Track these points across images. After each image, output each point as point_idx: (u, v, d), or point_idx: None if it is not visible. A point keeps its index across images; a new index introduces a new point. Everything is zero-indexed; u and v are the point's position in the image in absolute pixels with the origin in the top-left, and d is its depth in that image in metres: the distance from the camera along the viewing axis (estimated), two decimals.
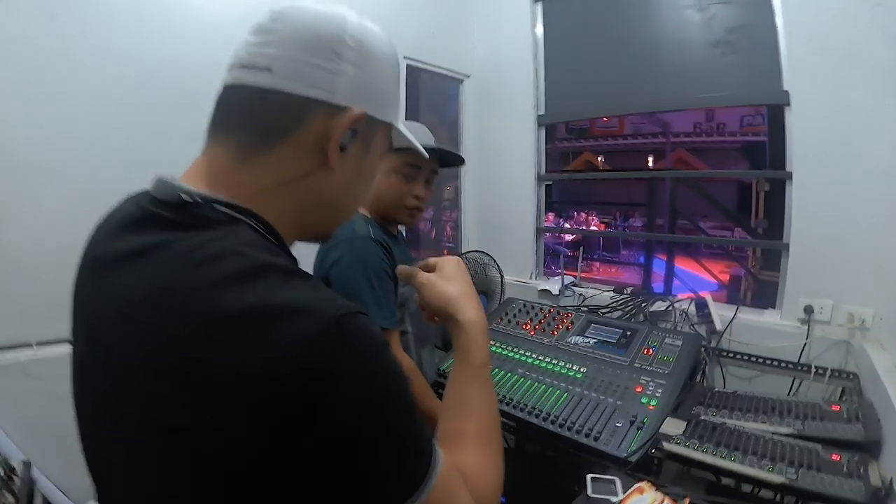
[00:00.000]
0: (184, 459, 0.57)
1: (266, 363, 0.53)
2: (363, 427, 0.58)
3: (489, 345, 0.91)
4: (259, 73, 0.68)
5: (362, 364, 0.58)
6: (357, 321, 0.59)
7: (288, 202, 0.73)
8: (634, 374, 2.05)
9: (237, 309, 0.56)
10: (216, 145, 0.71)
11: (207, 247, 0.61)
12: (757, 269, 5.73)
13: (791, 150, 2.30)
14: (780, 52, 2.30)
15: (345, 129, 0.71)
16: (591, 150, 13.61)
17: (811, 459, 1.42)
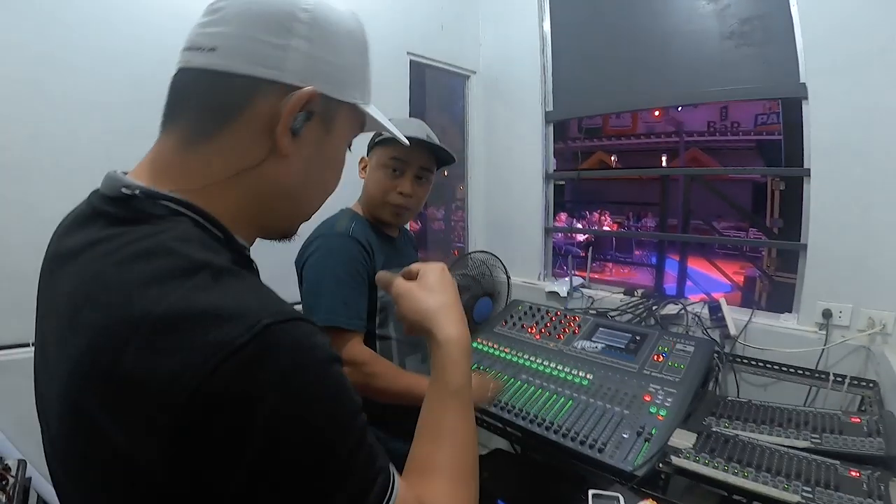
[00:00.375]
0: (106, 468, 0.54)
1: (177, 374, 0.48)
2: (298, 452, 0.52)
3: (471, 365, 0.82)
4: (205, 53, 0.64)
5: (291, 380, 0.52)
6: (291, 329, 0.54)
7: (239, 193, 0.68)
8: (643, 381, 1.97)
9: (158, 310, 0.51)
10: (165, 134, 0.68)
11: (139, 243, 0.58)
12: (772, 270, 5.63)
13: (809, 145, 2.19)
14: (796, 44, 2.20)
15: (295, 111, 0.66)
16: (603, 150, 13.54)
17: (829, 476, 1.33)
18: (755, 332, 2.28)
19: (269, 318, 0.52)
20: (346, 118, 0.76)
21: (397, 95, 3.03)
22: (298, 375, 0.53)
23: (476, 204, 3.65)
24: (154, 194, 0.62)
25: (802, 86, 2.18)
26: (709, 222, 5.83)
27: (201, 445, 0.48)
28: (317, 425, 0.53)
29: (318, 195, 0.80)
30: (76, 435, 0.56)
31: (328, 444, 0.54)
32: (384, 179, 1.72)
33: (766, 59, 2.32)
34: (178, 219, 0.62)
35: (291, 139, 0.68)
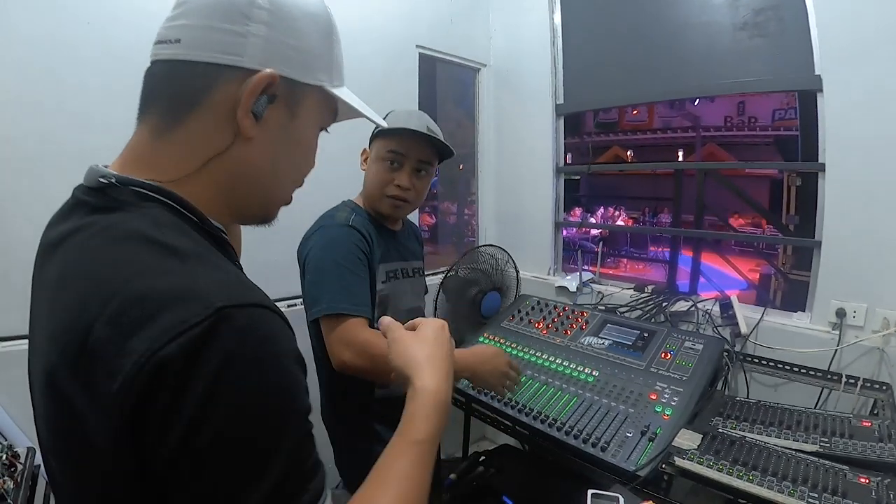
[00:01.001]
0: (78, 444, 0.56)
1: (132, 348, 0.51)
2: (222, 436, 0.52)
3: (443, 421, 0.79)
4: (170, 45, 0.67)
5: (233, 362, 0.52)
6: (246, 314, 0.55)
7: (210, 180, 0.70)
8: (650, 379, 1.94)
9: (124, 290, 0.54)
10: (140, 126, 0.70)
11: (113, 229, 0.61)
12: (787, 268, 5.55)
13: (824, 139, 2.13)
14: (811, 34, 2.13)
15: (255, 93, 0.67)
16: (619, 145, 13.43)
17: (837, 483, 1.29)
18: (767, 330, 2.23)
19: (224, 302, 0.53)
20: (313, 101, 0.77)
21: (406, 89, 3.01)
22: (241, 360, 0.53)
23: (486, 198, 3.62)
24: (128, 181, 0.64)
25: (817, 78, 2.12)
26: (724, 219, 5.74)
27: (141, 418, 0.50)
28: (247, 414, 0.53)
29: (289, 179, 0.81)
30: (53, 411, 0.59)
31: (254, 436, 0.53)
32: (382, 172, 1.70)
33: (780, 51, 2.27)
34: (149, 204, 0.64)
35: (255, 123, 0.69)
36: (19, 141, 1.80)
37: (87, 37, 1.90)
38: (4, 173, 1.77)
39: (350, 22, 2.64)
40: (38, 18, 1.82)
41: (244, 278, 0.63)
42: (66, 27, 1.87)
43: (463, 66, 3.44)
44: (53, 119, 1.85)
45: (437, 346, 0.88)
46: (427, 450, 0.74)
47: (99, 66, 1.92)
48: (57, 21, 1.85)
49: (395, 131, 1.67)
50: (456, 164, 3.88)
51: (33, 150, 1.82)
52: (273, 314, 0.58)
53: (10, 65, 1.78)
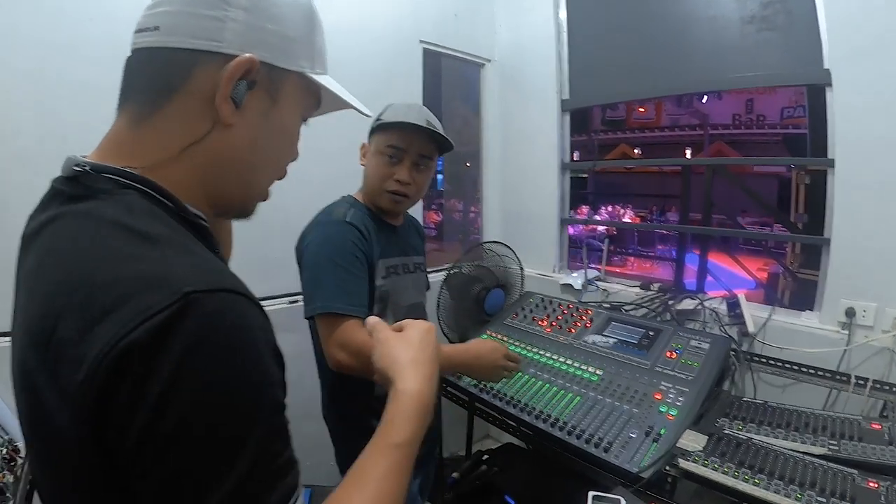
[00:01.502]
0: (48, 436, 0.55)
1: (99, 335, 0.49)
2: (186, 424, 0.50)
3: (424, 425, 0.78)
4: (149, 33, 0.66)
5: (200, 348, 0.51)
6: (216, 299, 0.53)
7: (188, 167, 0.68)
8: (655, 378, 1.91)
9: (94, 277, 0.53)
10: (119, 114, 0.69)
11: (86, 217, 0.60)
12: (796, 267, 5.51)
13: (833, 135, 2.10)
14: (819, 28, 2.10)
15: (234, 78, 0.66)
16: (627, 143, 13.40)
17: (845, 487, 1.26)
18: (775, 330, 2.20)
19: (192, 287, 0.51)
20: (294, 88, 0.75)
21: (410, 84, 3.00)
22: (208, 346, 0.51)
23: (492, 194, 3.60)
24: (102, 168, 0.63)
25: (826, 72, 2.08)
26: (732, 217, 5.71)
27: (105, 407, 0.49)
28: (212, 402, 0.51)
29: (269, 167, 0.79)
30: (27, 403, 0.58)
31: (218, 425, 0.51)
32: (381, 166, 1.68)
33: (789, 45, 2.23)
34: (124, 191, 0.62)
35: (234, 109, 0.68)
36: (19, 137, 1.80)
37: (89, 33, 1.90)
38: (8, 168, 1.77)
39: (354, 17, 2.62)
40: (40, 15, 1.81)
41: (219, 264, 0.61)
42: (68, 24, 1.86)
43: (468, 62, 3.43)
44: (53, 116, 1.84)
45: (422, 350, 0.86)
46: (406, 453, 0.73)
47: (101, 63, 1.89)
48: (58, 18, 1.84)
49: (394, 125, 1.65)
50: (462, 161, 3.86)
51: (34, 146, 1.81)
52: (247, 300, 0.56)
53: (12, 61, 1.78)
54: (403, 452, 0.73)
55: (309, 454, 0.61)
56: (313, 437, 2.49)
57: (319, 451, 2.57)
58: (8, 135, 1.79)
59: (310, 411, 2.14)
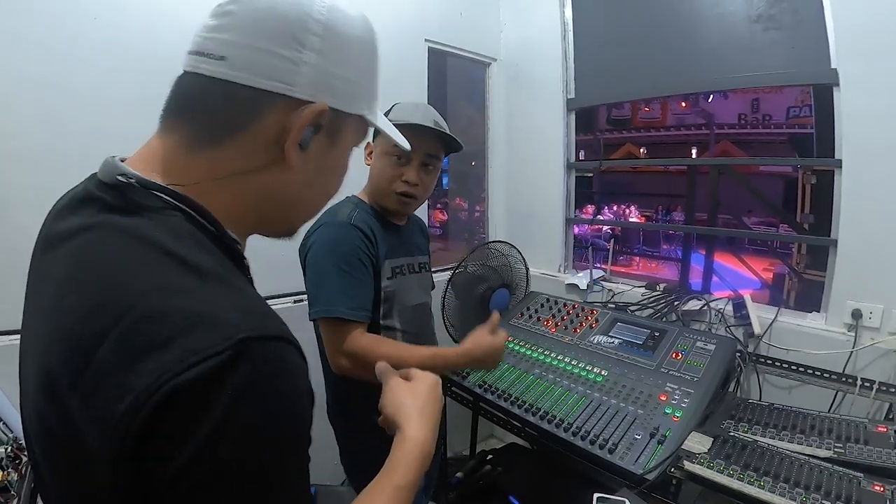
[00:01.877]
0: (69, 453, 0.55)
1: (148, 370, 0.49)
2: (226, 465, 0.51)
3: (423, 471, 0.82)
4: (213, 61, 0.64)
5: (249, 395, 0.51)
6: (267, 347, 0.54)
7: (237, 195, 0.68)
8: (660, 379, 1.91)
9: (142, 306, 0.52)
10: (168, 130, 0.67)
11: (131, 234, 0.59)
12: (802, 268, 5.49)
13: (840, 135, 2.08)
14: (826, 27, 2.09)
15: (305, 126, 0.66)
16: (632, 142, 13.35)
17: (850, 490, 1.25)
18: (781, 331, 2.19)
19: (246, 333, 0.52)
20: (352, 129, 0.77)
21: (415, 83, 2.99)
22: (258, 393, 0.52)
23: (497, 193, 3.60)
24: (150, 184, 0.62)
25: (833, 71, 2.07)
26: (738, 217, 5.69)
27: (146, 442, 0.48)
28: (254, 448, 0.52)
29: (318, 200, 0.82)
30: (48, 413, 0.56)
31: (257, 469, 0.52)
32: (389, 168, 1.67)
33: (795, 44, 2.22)
34: (170, 212, 0.62)
35: (299, 152, 0.68)
36: (25, 136, 1.80)
37: (94, 32, 1.90)
38: (10, 168, 1.77)
39: None
40: (45, 14, 1.81)
41: (264, 305, 0.61)
42: (73, 22, 1.86)
43: (473, 61, 3.42)
44: (59, 114, 1.85)
45: (429, 401, 0.91)
46: (406, 496, 0.77)
47: (106, 62, 1.92)
48: (63, 16, 1.84)
49: (402, 126, 1.64)
50: (467, 161, 3.86)
51: (40, 145, 1.81)
52: (292, 347, 0.57)
53: (17, 60, 1.78)
54: (405, 495, 0.76)
55: (314, 453, 0.62)
56: (318, 437, 2.49)
57: (324, 451, 2.58)
58: (10, 135, 1.79)
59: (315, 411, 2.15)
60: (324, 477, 2.28)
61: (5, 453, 1.51)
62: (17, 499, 1.40)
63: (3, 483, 1.40)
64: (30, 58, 1.80)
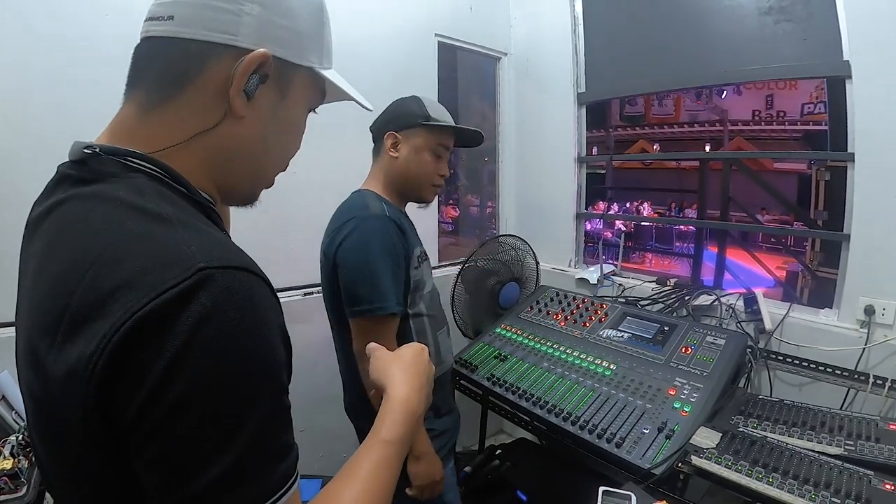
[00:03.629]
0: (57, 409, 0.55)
1: (113, 311, 0.50)
2: (189, 397, 0.50)
3: (411, 429, 0.83)
4: (163, 22, 0.67)
5: (209, 322, 0.51)
6: (228, 276, 0.54)
7: (197, 155, 0.69)
8: (669, 374, 1.90)
9: (105, 255, 0.54)
10: (127, 101, 0.70)
11: (96, 199, 0.60)
12: (815, 265, 5.45)
13: (853, 128, 2.05)
14: (839, 19, 2.05)
15: (247, 72, 0.67)
16: (646, 139, 13.27)
17: (860, 489, 1.24)
18: (792, 327, 2.16)
19: (205, 263, 0.52)
20: (303, 83, 0.77)
21: (425, 78, 2.99)
22: (217, 321, 0.51)
23: (507, 188, 3.59)
24: (113, 151, 0.64)
25: (845, 64, 2.04)
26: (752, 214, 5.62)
27: (112, 381, 0.49)
28: (215, 378, 0.51)
29: (276, 158, 0.81)
30: (34, 381, 0.58)
31: (220, 401, 0.52)
32: (430, 163, 1.73)
33: (807, 36, 2.19)
34: (133, 174, 0.63)
35: (246, 101, 0.69)
36: (40, 129, 1.82)
37: (106, 27, 1.91)
38: (25, 160, 1.79)
39: (368, 10, 2.62)
40: (56, 10, 1.83)
41: (230, 243, 0.62)
42: (84, 19, 1.88)
43: (483, 56, 3.41)
44: (73, 108, 1.86)
45: (413, 365, 0.92)
46: (394, 451, 0.77)
47: (117, 58, 1.91)
48: (74, 12, 1.86)
49: (446, 127, 1.73)
50: (480, 157, 3.85)
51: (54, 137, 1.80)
52: (258, 280, 0.57)
53: (32, 55, 1.80)
54: (392, 449, 0.76)
55: (321, 445, 0.62)
56: (326, 429, 2.51)
57: (332, 443, 2.59)
58: (25, 128, 1.82)
59: (323, 403, 2.15)
60: (331, 469, 2.28)
61: (16, 441, 1.54)
62: (27, 485, 1.42)
63: (14, 470, 1.43)
64: (44, 52, 1.82)
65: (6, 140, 1.79)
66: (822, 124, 9.13)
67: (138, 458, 0.51)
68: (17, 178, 1.76)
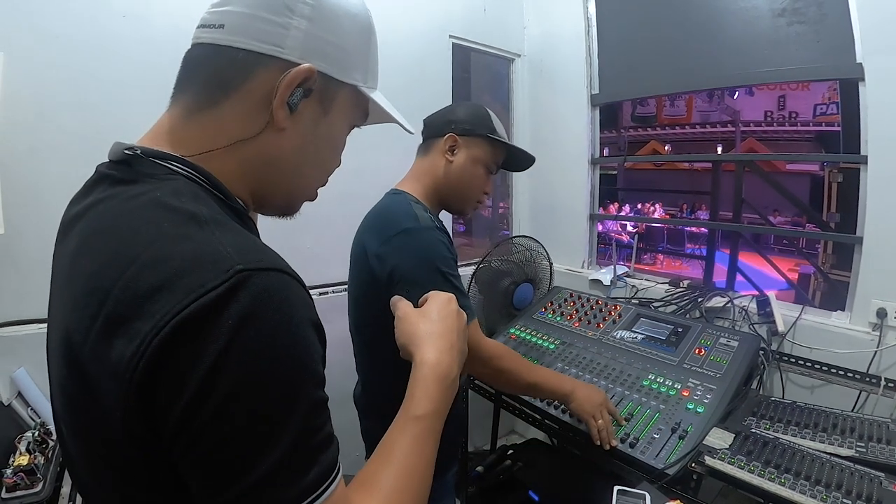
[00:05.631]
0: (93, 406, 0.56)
1: (152, 312, 0.51)
2: (233, 399, 0.51)
3: (445, 395, 0.80)
4: (214, 30, 0.68)
5: (249, 324, 0.52)
6: (265, 278, 0.55)
7: (235, 162, 0.70)
8: (682, 375, 1.91)
9: (143, 256, 0.54)
10: (174, 103, 0.71)
11: (134, 199, 0.61)
12: (828, 268, 5.42)
13: (866, 130, 2.05)
14: (851, 21, 2.06)
15: (292, 86, 0.68)
16: (657, 140, 13.24)
17: (871, 490, 1.25)
18: (805, 329, 2.17)
19: (243, 265, 0.53)
20: (346, 100, 0.78)
21: (440, 79, 3.01)
22: (257, 322, 0.53)
23: (521, 189, 3.60)
24: (153, 153, 0.65)
25: (859, 66, 2.04)
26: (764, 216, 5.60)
27: (154, 382, 0.51)
28: (258, 378, 0.53)
29: (315, 173, 0.82)
30: (68, 377, 0.59)
31: (264, 401, 0.53)
32: (482, 178, 1.67)
33: (820, 38, 2.19)
34: (172, 176, 0.64)
35: (288, 114, 0.70)
36: (58, 128, 1.85)
37: (123, 30, 1.94)
38: (43, 160, 1.82)
39: (383, 12, 2.62)
40: (74, 12, 1.86)
41: (264, 245, 0.62)
42: (102, 21, 1.91)
43: (497, 57, 3.42)
44: (91, 107, 1.89)
45: (440, 322, 0.87)
46: (428, 426, 0.75)
47: (135, 59, 1.96)
48: (93, 15, 1.89)
49: (507, 146, 1.71)
50: None
51: (72, 137, 1.85)
52: (292, 279, 0.58)
53: (51, 56, 1.83)
54: (426, 424, 0.75)
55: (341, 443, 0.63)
56: (342, 427, 2.52)
57: (348, 441, 2.60)
58: (44, 128, 1.84)
59: (339, 401, 2.17)
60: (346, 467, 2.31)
61: (33, 437, 1.57)
62: (43, 481, 1.45)
63: (31, 466, 1.45)
64: (63, 53, 1.85)
65: (21, 140, 1.82)
66: (835, 125, 9.08)
67: (183, 459, 0.52)
68: (37, 179, 1.80)
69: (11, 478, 1.41)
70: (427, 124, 1.71)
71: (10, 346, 1.83)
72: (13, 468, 1.43)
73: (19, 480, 1.42)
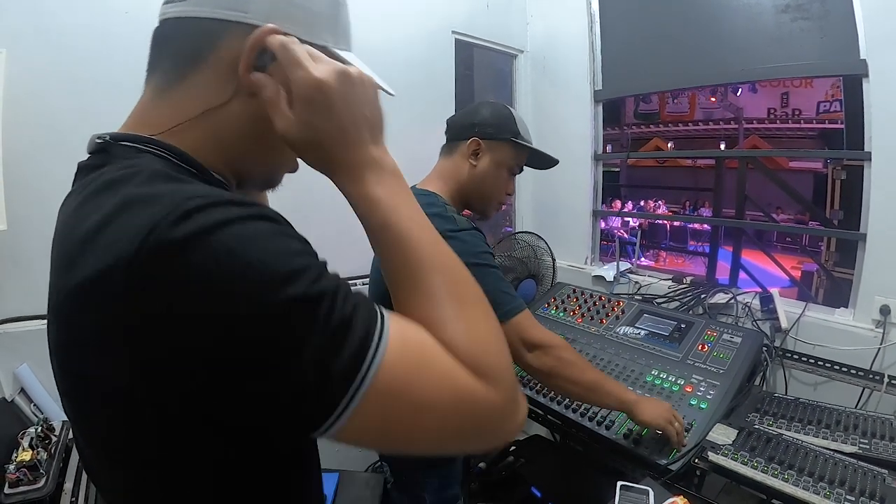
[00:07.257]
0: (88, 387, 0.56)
1: (112, 257, 0.49)
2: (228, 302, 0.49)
3: (388, 180, 0.70)
4: (176, 4, 0.66)
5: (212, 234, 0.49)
6: (219, 206, 0.52)
7: (207, 131, 0.67)
8: (685, 371, 1.92)
9: (99, 214, 0.53)
10: (146, 87, 0.70)
11: (100, 180, 0.58)
12: (831, 265, 5.42)
13: (870, 127, 2.04)
14: (855, 17, 2.04)
15: (256, 47, 0.64)
16: (660, 137, 13.21)
17: (874, 486, 1.25)
18: (808, 326, 2.16)
19: (200, 200, 0.51)
20: None
21: (443, 75, 2.99)
22: (220, 230, 0.50)
23: (524, 185, 3.58)
24: (122, 137, 0.64)
25: (862, 62, 2.03)
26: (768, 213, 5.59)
27: (135, 323, 0.48)
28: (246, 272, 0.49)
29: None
30: (64, 368, 0.59)
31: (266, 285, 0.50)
32: (505, 180, 1.69)
33: (824, 34, 2.17)
34: (140, 155, 0.62)
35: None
36: (61, 127, 1.84)
37: (125, 26, 1.93)
38: (47, 159, 1.82)
39: (385, 6, 2.63)
40: (76, 9, 1.85)
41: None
42: (104, 17, 1.90)
43: (500, 53, 3.41)
44: (93, 105, 1.86)
45: (341, 98, 0.67)
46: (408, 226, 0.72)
47: (138, 57, 1.93)
48: (94, 11, 1.88)
49: (530, 149, 1.71)
50: None
51: (75, 135, 1.83)
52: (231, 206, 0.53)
53: (53, 54, 1.82)
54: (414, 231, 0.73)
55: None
56: None
57: None
58: (47, 127, 1.84)
59: None
60: (347, 462, 2.32)
61: (35, 433, 1.58)
62: (45, 477, 1.45)
63: (33, 462, 1.45)
64: (65, 50, 1.85)
65: (23, 137, 1.81)
66: (839, 122, 9.06)
67: (228, 405, 0.51)
68: (39, 176, 1.79)
69: (14, 473, 1.41)
70: (450, 125, 1.71)
71: (13, 343, 1.83)
72: (16, 464, 1.44)
73: (22, 476, 1.42)
